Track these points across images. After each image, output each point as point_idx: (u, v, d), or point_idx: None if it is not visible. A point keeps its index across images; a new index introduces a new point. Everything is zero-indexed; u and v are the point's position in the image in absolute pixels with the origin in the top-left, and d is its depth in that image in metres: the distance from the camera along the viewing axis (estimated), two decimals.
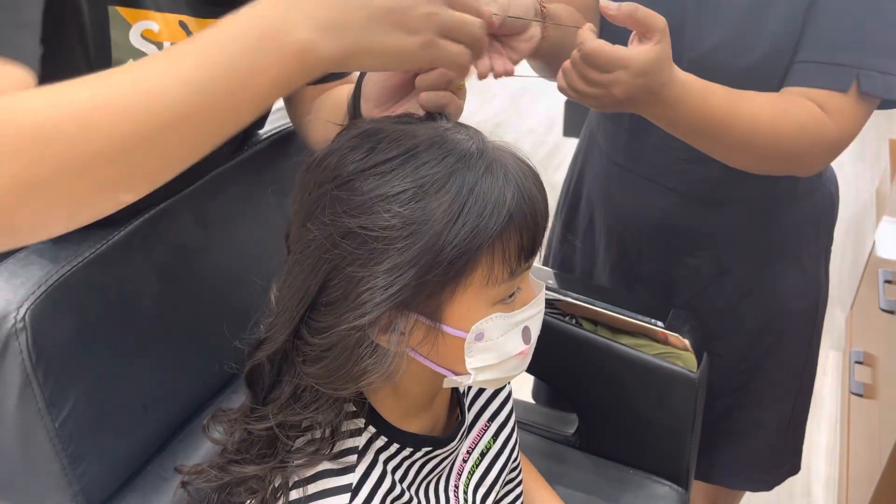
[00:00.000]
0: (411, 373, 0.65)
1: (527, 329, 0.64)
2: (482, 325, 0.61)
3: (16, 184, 0.43)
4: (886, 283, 1.59)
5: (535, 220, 0.60)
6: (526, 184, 0.60)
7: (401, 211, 0.56)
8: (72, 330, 0.68)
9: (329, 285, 0.60)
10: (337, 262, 0.59)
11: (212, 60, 0.50)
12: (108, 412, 0.72)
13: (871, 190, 2.76)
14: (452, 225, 0.56)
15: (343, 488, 0.64)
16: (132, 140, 0.46)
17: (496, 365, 0.63)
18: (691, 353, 1.02)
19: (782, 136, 0.85)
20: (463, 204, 0.56)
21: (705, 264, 1.08)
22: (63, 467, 0.69)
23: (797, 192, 1.04)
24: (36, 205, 0.44)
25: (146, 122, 0.47)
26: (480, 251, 0.58)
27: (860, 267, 2.28)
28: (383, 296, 0.57)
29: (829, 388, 2.05)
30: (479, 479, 0.78)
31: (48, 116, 0.44)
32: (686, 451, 1.06)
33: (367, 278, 0.57)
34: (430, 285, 0.58)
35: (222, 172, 0.83)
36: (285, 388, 0.65)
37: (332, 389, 0.62)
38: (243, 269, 0.84)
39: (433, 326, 0.61)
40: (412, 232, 0.56)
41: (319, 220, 0.59)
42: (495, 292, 0.60)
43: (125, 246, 0.73)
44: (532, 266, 0.64)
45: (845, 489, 1.67)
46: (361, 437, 0.66)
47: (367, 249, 0.57)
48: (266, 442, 0.66)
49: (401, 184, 0.57)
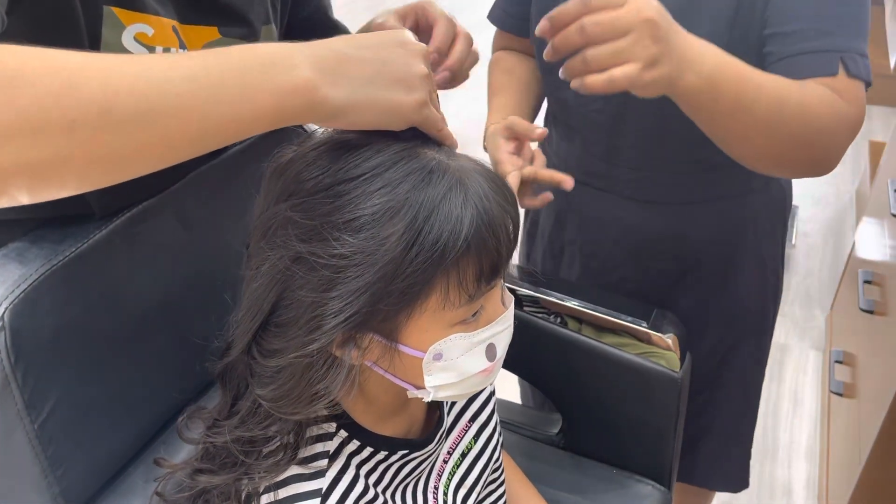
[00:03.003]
0: (378, 381, 0.64)
1: (491, 346, 0.63)
2: (440, 345, 0.59)
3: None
4: (866, 283, 1.60)
5: (497, 245, 0.58)
6: (488, 206, 0.57)
7: (350, 240, 0.55)
8: (52, 330, 0.67)
9: (281, 305, 0.59)
10: (289, 284, 0.58)
11: (220, 66, 0.49)
12: (88, 414, 0.71)
13: (851, 191, 2.78)
14: (406, 254, 0.55)
15: (313, 493, 0.64)
16: (115, 115, 0.45)
17: (456, 383, 0.62)
18: (674, 353, 1.02)
19: (810, 108, 0.80)
20: (417, 232, 0.55)
21: (668, 267, 1.09)
22: (43, 469, 0.68)
23: (752, 187, 1.05)
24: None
25: (135, 103, 0.46)
26: (435, 279, 0.56)
27: (840, 267, 2.30)
28: (334, 322, 0.56)
29: (809, 387, 2.07)
30: (460, 480, 0.78)
31: (32, 67, 0.43)
32: (669, 451, 1.06)
33: (317, 303, 0.56)
34: (383, 312, 0.57)
35: (205, 171, 0.83)
36: (246, 401, 0.64)
37: (284, 413, 0.61)
38: (226, 269, 0.83)
39: (390, 346, 0.60)
40: (363, 261, 0.55)
41: (273, 240, 0.58)
42: (453, 315, 0.59)
43: (106, 245, 0.72)
44: (498, 284, 0.62)
45: (825, 487, 1.68)
46: (332, 441, 0.66)
47: (317, 276, 0.56)
48: (229, 452, 0.65)
49: (353, 210, 0.55)
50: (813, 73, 0.83)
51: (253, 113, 0.51)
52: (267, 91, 0.50)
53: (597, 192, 1.07)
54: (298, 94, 0.52)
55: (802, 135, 0.80)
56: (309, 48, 0.54)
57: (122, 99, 0.45)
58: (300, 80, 0.52)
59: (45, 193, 0.46)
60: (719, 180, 0.99)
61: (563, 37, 0.67)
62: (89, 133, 0.44)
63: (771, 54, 0.86)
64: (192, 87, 0.48)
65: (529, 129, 0.93)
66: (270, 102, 0.51)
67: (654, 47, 0.67)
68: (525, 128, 0.93)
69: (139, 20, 0.68)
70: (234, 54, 0.51)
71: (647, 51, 0.66)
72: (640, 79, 0.68)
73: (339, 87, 0.53)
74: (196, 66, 0.49)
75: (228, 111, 0.50)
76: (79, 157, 0.45)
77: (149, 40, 0.69)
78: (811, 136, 0.81)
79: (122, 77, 0.46)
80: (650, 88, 0.70)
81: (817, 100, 0.80)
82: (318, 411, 0.64)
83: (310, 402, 0.60)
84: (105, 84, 0.45)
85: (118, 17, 0.67)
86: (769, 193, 1.08)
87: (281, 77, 0.51)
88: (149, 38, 0.69)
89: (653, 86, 0.70)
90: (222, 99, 0.49)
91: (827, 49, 0.83)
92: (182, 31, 0.72)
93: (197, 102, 0.48)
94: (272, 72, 0.51)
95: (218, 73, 0.49)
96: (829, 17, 0.84)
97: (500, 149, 0.93)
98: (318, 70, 0.53)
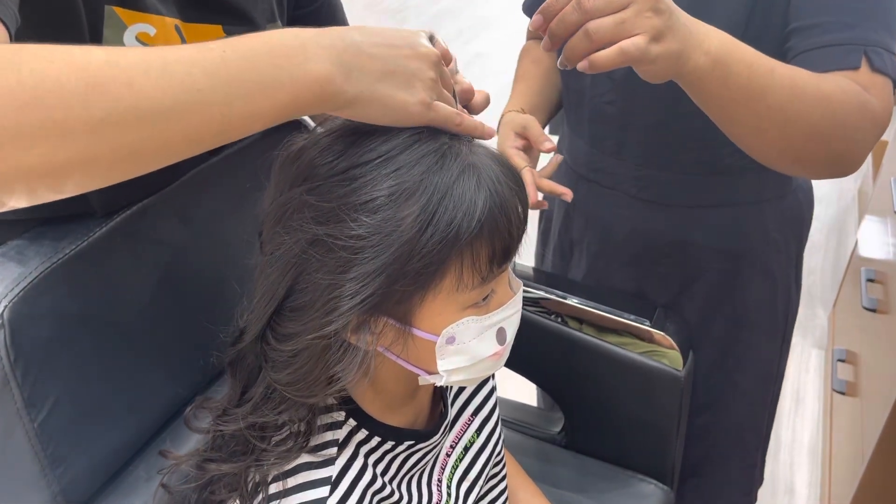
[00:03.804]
0: (388, 369, 0.65)
1: (502, 330, 0.64)
2: (453, 328, 0.60)
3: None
4: (869, 281, 1.60)
5: (509, 227, 0.59)
6: (500, 188, 0.59)
7: (368, 221, 0.56)
8: (51, 328, 0.67)
9: (296, 290, 0.59)
10: (304, 268, 0.58)
11: (239, 59, 0.50)
12: (88, 412, 0.71)
13: (854, 189, 2.78)
14: (421, 235, 0.55)
15: (322, 481, 0.64)
16: (140, 112, 0.45)
17: (468, 367, 0.63)
18: (677, 352, 1.02)
19: (829, 98, 0.74)
20: (432, 214, 0.56)
21: (673, 272, 1.07)
22: (42, 468, 0.68)
23: (762, 196, 1.02)
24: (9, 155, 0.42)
25: (159, 100, 0.46)
26: (449, 260, 0.57)
27: (843, 265, 2.30)
28: (350, 304, 0.56)
29: (811, 385, 2.06)
30: (463, 473, 0.79)
31: (58, 68, 0.43)
32: (671, 450, 1.06)
33: (333, 286, 0.57)
34: (399, 293, 0.57)
35: (204, 169, 0.82)
36: (259, 388, 0.65)
37: (300, 396, 0.61)
38: (227, 265, 0.83)
39: (403, 329, 0.60)
40: (380, 242, 0.56)
41: (288, 224, 0.59)
42: (466, 297, 0.60)
43: (106, 243, 0.71)
44: (509, 267, 0.63)
45: (828, 486, 1.68)
46: (342, 430, 0.66)
47: (333, 257, 0.57)
48: (239, 440, 0.66)
49: (370, 192, 0.56)
50: (834, 65, 0.78)
51: (272, 105, 0.51)
52: (286, 84, 0.51)
53: (604, 190, 1.06)
54: (316, 86, 0.52)
55: (822, 127, 0.75)
56: (326, 37, 0.54)
57: (147, 96, 0.45)
58: (317, 73, 0.52)
59: (68, 191, 0.47)
60: (726, 185, 0.97)
61: (560, 18, 0.65)
62: (115, 131, 0.45)
63: (790, 49, 0.82)
64: (213, 82, 0.48)
65: (540, 138, 0.93)
66: (288, 94, 0.51)
67: (657, 18, 0.65)
68: (536, 135, 0.93)
69: (141, 20, 0.68)
70: (251, 45, 0.51)
71: (650, 21, 0.64)
72: (649, 52, 0.65)
73: (351, 81, 0.54)
74: (216, 60, 0.49)
75: (248, 105, 0.50)
76: (105, 156, 0.45)
77: (150, 40, 0.69)
78: (831, 129, 0.75)
79: (146, 74, 0.46)
80: (659, 65, 0.67)
81: (839, 90, 0.75)
82: (332, 396, 0.64)
83: (326, 385, 0.61)
84: (129, 82, 0.45)
85: (120, 16, 0.66)
86: (781, 206, 1.03)
87: (298, 69, 0.52)
88: (151, 38, 0.69)
89: (661, 61, 0.67)
90: (242, 93, 0.50)
91: (850, 42, 0.78)
92: (185, 30, 0.72)
93: (218, 97, 0.48)
94: (290, 64, 0.51)
95: (237, 67, 0.49)
96: (854, 10, 0.79)
97: (508, 142, 0.94)
98: (334, 63, 0.53)
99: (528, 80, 1.09)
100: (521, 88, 1.08)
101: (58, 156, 0.43)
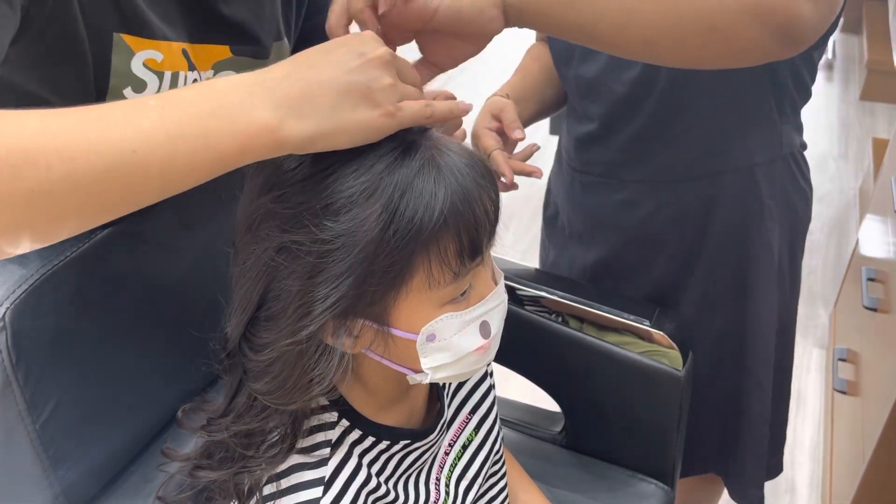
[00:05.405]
0: (375, 370, 0.65)
1: (485, 324, 0.63)
2: (432, 326, 0.60)
3: None
4: (869, 280, 1.60)
5: (475, 220, 0.59)
6: (463, 181, 0.58)
7: (331, 225, 0.56)
8: (53, 330, 0.67)
9: (269, 298, 0.60)
10: (275, 276, 0.59)
11: (177, 115, 0.49)
12: (90, 414, 0.71)
13: (855, 188, 2.78)
14: (384, 233, 0.55)
15: (316, 482, 0.64)
16: (74, 179, 0.45)
17: (453, 363, 0.63)
18: (677, 352, 1.02)
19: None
20: (394, 211, 0.55)
21: (671, 267, 1.07)
22: (44, 470, 0.68)
23: (756, 178, 0.99)
24: None
25: (93, 164, 0.46)
26: (415, 256, 0.57)
27: (843, 265, 2.29)
28: (322, 307, 0.57)
29: (812, 385, 2.06)
30: (462, 472, 0.78)
31: None
32: (672, 449, 1.06)
33: (303, 291, 0.57)
34: (370, 293, 0.57)
35: None
36: (241, 397, 0.65)
37: (280, 404, 0.61)
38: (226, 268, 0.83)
39: (381, 330, 0.60)
40: (345, 244, 0.56)
41: (257, 233, 0.59)
42: (441, 294, 0.60)
43: (107, 245, 0.72)
44: (484, 262, 0.63)
45: (829, 485, 1.68)
46: (334, 430, 0.66)
47: (301, 263, 0.57)
48: (227, 448, 0.66)
49: (331, 196, 0.56)
50: None
51: (215, 158, 0.50)
52: (227, 136, 0.50)
53: (595, 179, 1.07)
54: (264, 134, 0.51)
55: (697, 16, 0.65)
56: (269, 79, 0.52)
57: (80, 163, 0.45)
58: (260, 123, 0.51)
59: (24, 248, 0.48)
60: (715, 159, 0.98)
61: None
62: (49, 199, 0.45)
63: None
64: (149, 143, 0.47)
65: (511, 124, 0.95)
66: (233, 146, 0.50)
67: None
68: (509, 120, 0.95)
69: (149, 46, 0.68)
70: (192, 99, 0.50)
71: None
72: None
73: (304, 119, 0.52)
74: (153, 120, 0.48)
75: (190, 161, 0.49)
76: (46, 221, 0.46)
77: (157, 66, 0.69)
78: (708, 16, 0.65)
79: (78, 141, 0.46)
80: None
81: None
82: (316, 399, 0.64)
83: (306, 391, 0.61)
84: (61, 150, 0.45)
85: (128, 44, 0.66)
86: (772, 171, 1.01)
87: (240, 121, 0.50)
88: (157, 64, 0.69)
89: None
90: (182, 150, 0.49)
91: None
92: (192, 52, 0.72)
93: (156, 158, 0.48)
94: (230, 117, 0.50)
95: (176, 124, 0.49)
96: None
97: (483, 123, 0.97)
98: (279, 107, 0.51)
99: (523, 73, 1.12)
100: (514, 79, 1.10)
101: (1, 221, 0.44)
